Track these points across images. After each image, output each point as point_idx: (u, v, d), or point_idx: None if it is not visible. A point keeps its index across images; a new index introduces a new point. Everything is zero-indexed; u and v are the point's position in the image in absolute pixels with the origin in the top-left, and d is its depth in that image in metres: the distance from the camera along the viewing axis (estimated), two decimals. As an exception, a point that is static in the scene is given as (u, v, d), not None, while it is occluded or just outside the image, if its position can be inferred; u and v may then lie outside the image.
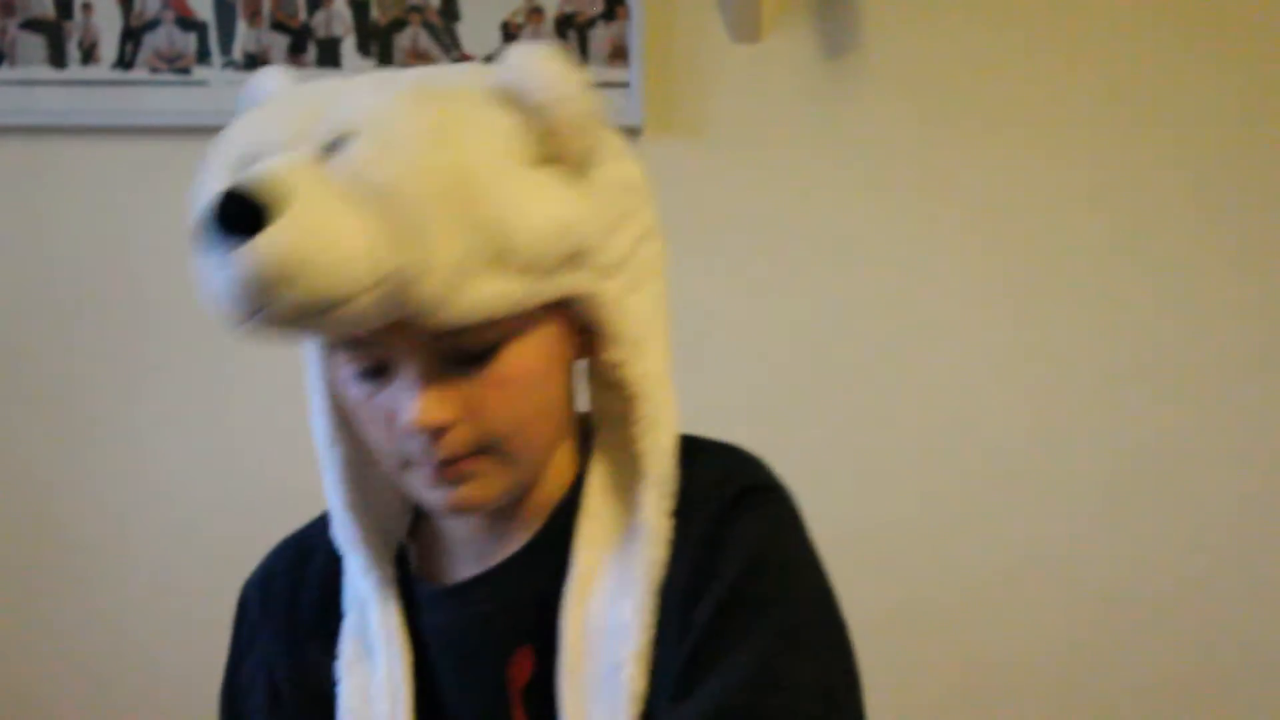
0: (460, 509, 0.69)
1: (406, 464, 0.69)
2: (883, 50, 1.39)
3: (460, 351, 0.66)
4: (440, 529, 0.76)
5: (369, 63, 1.33)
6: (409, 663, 0.73)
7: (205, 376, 1.39)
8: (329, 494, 0.75)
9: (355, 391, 0.68)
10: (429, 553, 0.76)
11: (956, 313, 1.42)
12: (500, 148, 0.62)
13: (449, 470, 0.67)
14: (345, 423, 0.73)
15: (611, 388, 0.73)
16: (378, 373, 0.67)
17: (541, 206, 0.63)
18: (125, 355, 1.40)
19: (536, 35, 1.32)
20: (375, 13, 1.34)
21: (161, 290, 1.38)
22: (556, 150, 0.63)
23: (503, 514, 0.73)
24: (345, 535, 0.75)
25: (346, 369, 0.68)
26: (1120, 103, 1.44)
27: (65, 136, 1.38)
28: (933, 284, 1.42)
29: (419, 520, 0.78)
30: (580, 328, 0.70)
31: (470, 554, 0.74)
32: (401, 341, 0.65)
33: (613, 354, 0.70)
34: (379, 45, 1.33)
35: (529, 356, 0.68)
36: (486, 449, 0.68)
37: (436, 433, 0.66)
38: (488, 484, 0.69)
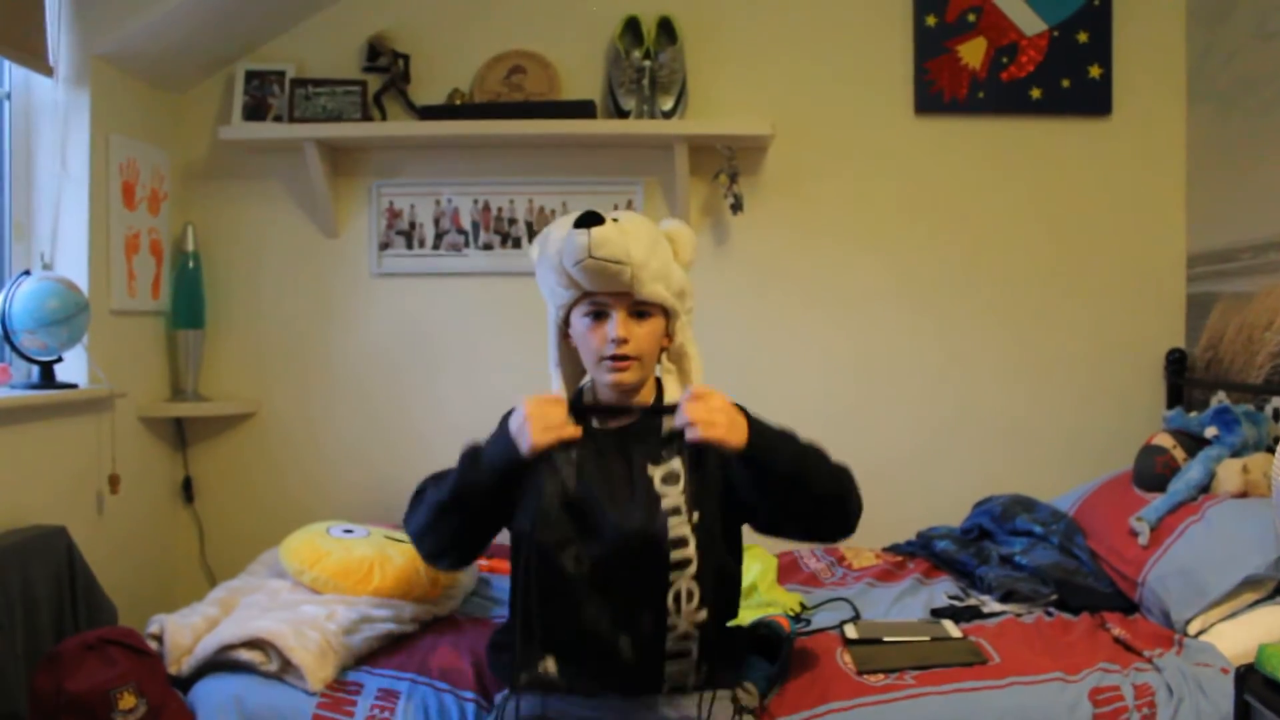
0: (620, 384, 1.69)
1: (601, 359, 1.67)
2: (740, 244, 3.00)
3: (637, 311, 1.68)
4: (598, 399, 1.76)
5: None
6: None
7: (460, 373, 3.08)
8: (554, 385, 1.77)
9: (585, 324, 1.68)
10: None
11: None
12: (667, 247, 1.73)
13: (621, 362, 1.68)
14: (561, 356, 1.75)
15: (674, 354, 1.77)
16: (598, 315, 1.68)
17: (679, 272, 1.74)
18: (435, 364, 3.11)
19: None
20: (535, 227, 3.04)
21: (444, 338, 3.07)
22: (680, 258, 1.74)
23: (626, 397, 1.72)
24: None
25: (583, 316, 1.68)
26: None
27: (411, 278, 3.09)
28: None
29: (594, 398, 1.77)
30: (666, 332, 1.73)
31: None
32: (616, 300, 1.66)
33: (679, 340, 1.77)
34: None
35: (657, 326, 1.71)
36: (636, 357, 1.68)
37: (621, 341, 1.66)
38: (632, 374, 1.69)
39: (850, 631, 2.08)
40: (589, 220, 1.64)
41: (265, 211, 3.12)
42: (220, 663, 1.89)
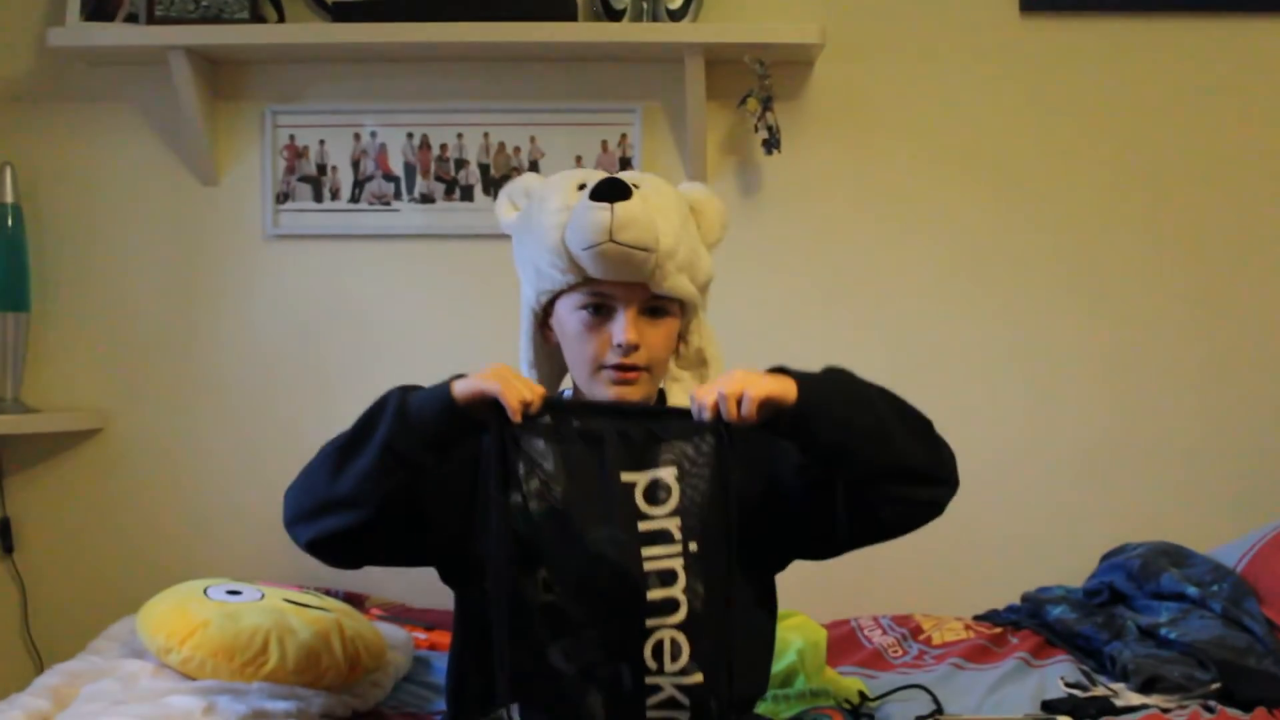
0: (625, 400, 1.73)
1: (599, 369, 1.73)
2: (778, 191, 3.03)
3: (652, 308, 1.74)
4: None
5: (489, 199, 2.99)
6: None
7: (382, 357, 2.96)
8: None
9: (579, 319, 1.74)
10: None
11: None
12: (693, 223, 1.81)
13: (626, 374, 1.73)
14: (537, 355, 1.84)
15: (689, 362, 1.86)
16: (599, 310, 1.72)
17: (705, 256, 1.82)
18: (350, 348, 3.07)
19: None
20: (492, 171, 3.03)
21: (364, 317, 3.06)
22: (705, 236, 1.83)
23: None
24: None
25: (578, 309, 1.73)
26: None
27: (319, 241, 3.07)
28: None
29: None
30: (679, 334, 1.81)
31: None
32: (626, 293, 1.71)
33: (696, 343, 1.86)
34: (494, 189, 2.98)
35: (673, 326, 1.79)
36: (646, 368, 1.74)
37: (631, 347, 1.71)
38: (640, 388, 1.75)
39: None
40: (611, 192, 1.69)
41: (116, 149, 3.10)
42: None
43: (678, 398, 1.83)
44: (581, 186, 1.74)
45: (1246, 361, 3.05)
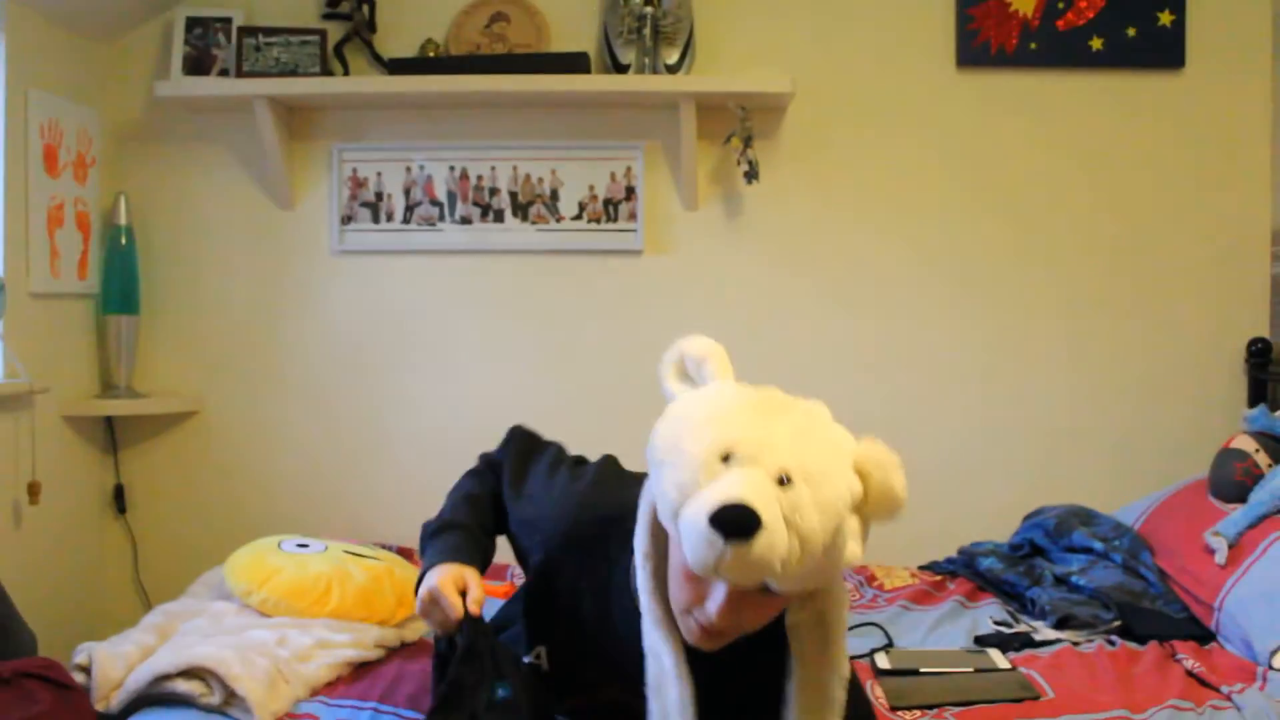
0: (703, 647, 1.33)
1: (688, 611, 1.31)
2: (754, 217, 3.01)
3: (763, 588, 1.23)
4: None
5: (517, 220, 3.01)
6: (690, 691, 1.32)
7: (433, 360, 3.07)
8: (641, 588, 1.36)
9: (681, 559, 1.25)
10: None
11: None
12: (852, 503, 1.22)
13: (709, 634, 1.31)
14: (658, 550, 1.34)
15: (807, 613, 1.35)
16: None
17: (855, 547, 1.24)
18: (406, 351, 3.09)
19: (595, 209, 3.01)
20: (520, 197, 3.03)
21: (415, 323, 3.07)
22: (869, 515, 1.25)
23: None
24: (650, 616, 1.34)
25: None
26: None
27: (376, 255, 3.09)
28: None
29: None
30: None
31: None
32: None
33: (820, 606, 1.35)
34: (521, 213, 3.02)
35: (782, 602, 1.30)
36: (729, 630, 1.30)
37: (719, 630, 1.28)
38: (720, 643, 1.33)
39: (881, 661, 2.06)
40: (732, 527, 1.19)
41: (209, 180, 3.11)
42: (155, 696, 1.84)
43: (799, 683, 1.40)
44: (726, 458, 1.24)
45: (1123, 355, 3.03)
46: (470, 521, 1.71)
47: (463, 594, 1.53)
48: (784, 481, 1.20)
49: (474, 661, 1.48)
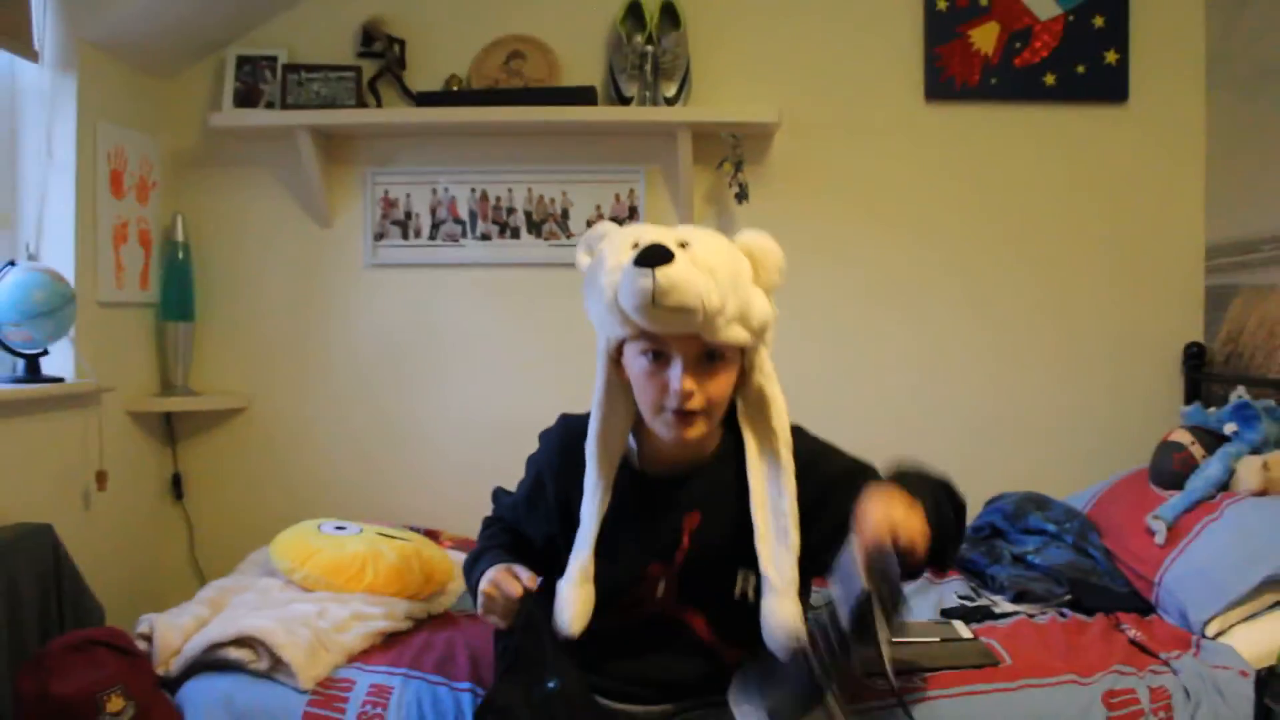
0: (685, 440, 1.48)
1: (660, 410, 1.45)
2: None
3: (708, 356, 1.42)
4: (654, 449, 1.56)
5: (531, 237, 3.00)
6: (597, 522, 1.50)
7: (461, 366, 3.06)
8: (589, 435, 1.53)
9: (641, 365, 1.44)
10: (646, 458, 1.58)
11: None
12: (747, 271, 1.44)
13: (685, 417, 1.45)
14: (612, 399, 1.51)
15: (753, 397, 1.52)
16: (658, 356, 1.42)
17: (760, 301, 1.43)
18: (433, 359, 3.08)
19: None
20: (534, 216, 3.03)
21: (443, 332, 3.06)
22: (763, 280, 1.45)
23: (688, 450, 1.54)
24: (593, 458, 1.52)
25: (640, 355, 1.43)
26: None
27: (405, 269, 3.05)
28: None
29: (642, 443, 1.57)
30: (741, 368, 1.48)
31: (668, 462, 1.56)
32: (681, 343, 1.40)
33: (758, 379, 1.52)
34: (535, 231, 3.02)
35: (731, 370, 1.47)
36: (705, 411, 1.46)
37: (687, 395, 1.42)
38: (697, 428, 1.47)
39: None
40: (654, 257, 1.39)
41: (257, 200, 3.09)
42: (209, 662, 1.87)
43: (752, 444, 1.57)
44: (635, 245, 1.43)
45: (1073, 357, 3.02)
46: (500, 542, 1.74)
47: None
48: (684, 246, 1.41)
49: (534, 632, 1.51)
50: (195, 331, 3.04)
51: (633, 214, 3.01)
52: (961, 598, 2.31)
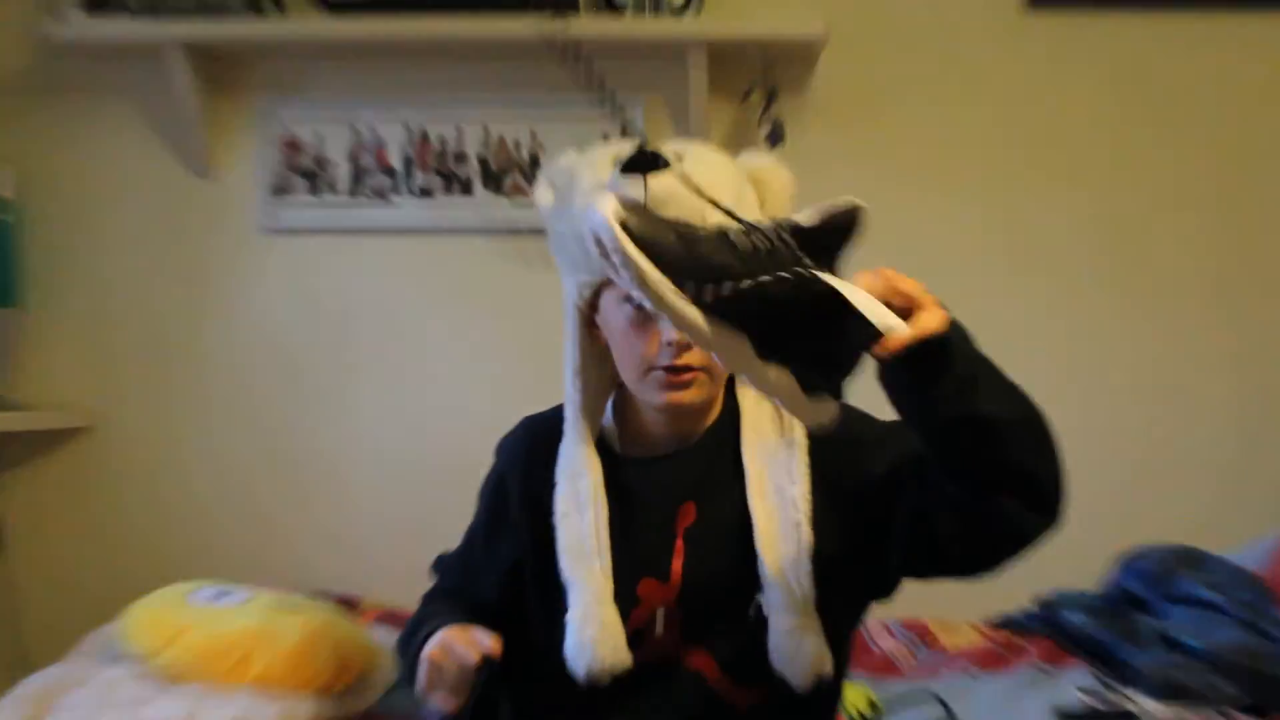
0: (678, 405, 1.50)
1: (649, 370, 1.47)
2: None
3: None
4: (637, 427, 1.60)
5: (489, 193, 2.91)
6: (605, 514, 1.52)
7: (389, 369, 2.98)
8: (568, 408, 1.58)
9: (625, 315, 1.47)
10: (626, 440, 1.60)
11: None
12: (752, 201, 1.50)
13: (679, 376, 1.47)
14: (586, 365, 1.55)
15: None
16: (645, 306, 1.28)
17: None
18: (352, 359, 3.00)
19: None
20: (492, 165, 2.93)
21: (364, 323, 2.98)
22: (769, 209, 1.50)
23: (681, 423, 1.57)
24: (577, 434, 1.55)
25: (622, 302, 1.46)
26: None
27: (315, 236, 2.98)
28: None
29: (622, 420, 1.61)
30: None
31: (654, 444, 1.58)
32: None
33: None
34: (494, 184, 2.92)
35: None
36: (704, 369, 1.48)
37: (683, 347, 1.44)
38: (694, 391, 1.49)
39: None
40: (644, 162, 1.44)
41: (111, 143, 3.03)
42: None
43: (753, 413, 1.58)
44: (618, 160, 1.48)
45: (1240, 359, 2.99)
46: (447, 609, 1.71)
47: None
48: (680, 157, 1.47)
49: (490, 715, 1.53)
50: (21, 323, 3.00)
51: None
52: (1087, 694, 2.19)
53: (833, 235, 1.30)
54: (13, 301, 2.94)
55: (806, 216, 1.29)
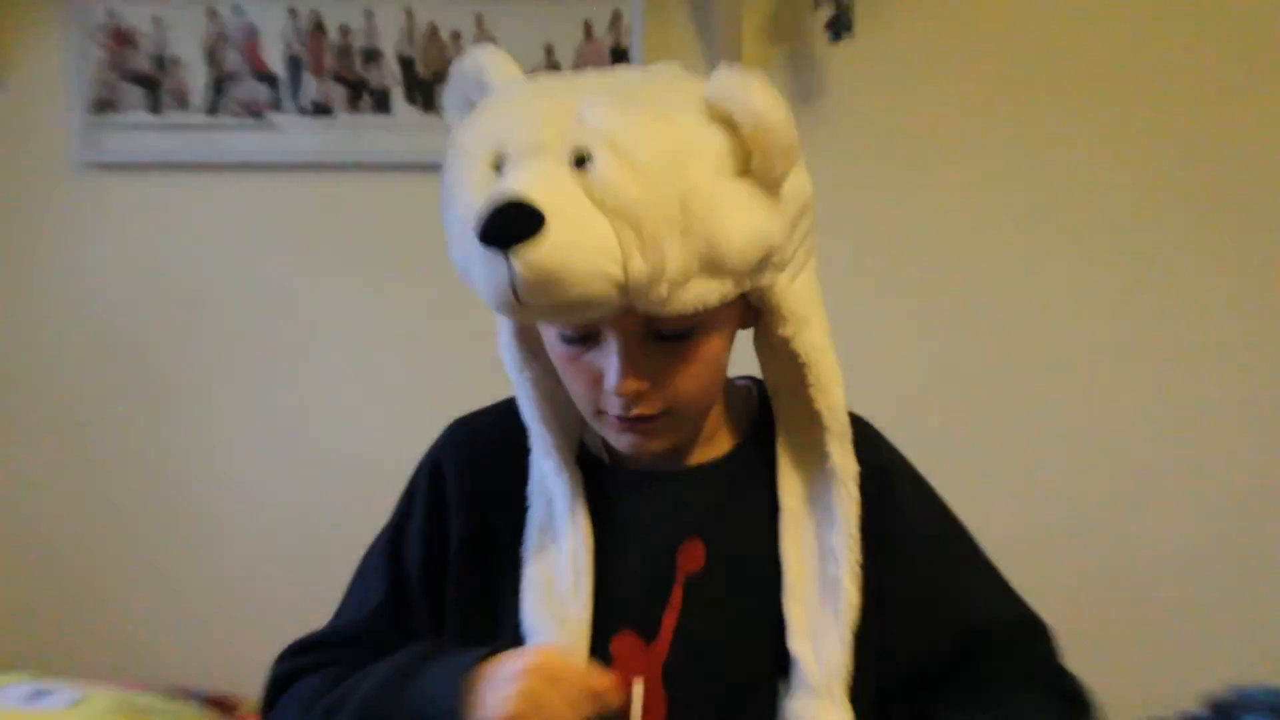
0: (639, 454, 1.17)
1: (600, 412, 1.15)
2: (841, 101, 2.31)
3: (661, 331, 1.08)
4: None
5: (415, 110, 2.23)
6: (591, 546, 1.20)
7: (267, 366, 2.43)
8: (523, 410, 1.23)
9: (561, 349, 1.13)
10: (614, 448, 1.25)
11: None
12: (716, 166, 1.02)
13: (635, 425, 1.13)
14: (532, 352, 1.20)
15: (782, 357, 1.18)
16: (584, 338, 1.10)
17: (745, 219, 1.03)
18: (211, 350, 2.43)
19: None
20: (420, 68, 2.27)
21: (231, 296, 2.40)
22: (758, 168, 1.04)
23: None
24: (541, 443, 1.22)
25: (552, 329, 1.13)
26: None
27: (162, 173, 2.39)
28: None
29: None
30: (750, 305, 1.14)
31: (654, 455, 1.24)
32: (614, 319, 1.07)
33: (783, 330, 1.15)
34: (423, 96, 2.22)
35: (715, 339, 1.12)
36: (667, 412, 1.13)
37: (632, 396, 1.10)
38: (663, 439, 1.16)
39: None
40: (505, 230, 1.01)
41: None
42: None
43: (785, 449, 1.25)
44: (498, 165, 1.07)
45: None
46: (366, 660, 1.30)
47: None
48: (582, 161, 1.02)
49: None
50: None
51: (619, 58, 2.32)
52: None
53: None
54: None
55: None
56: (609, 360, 1.10)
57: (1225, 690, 2.14)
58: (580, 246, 1.00)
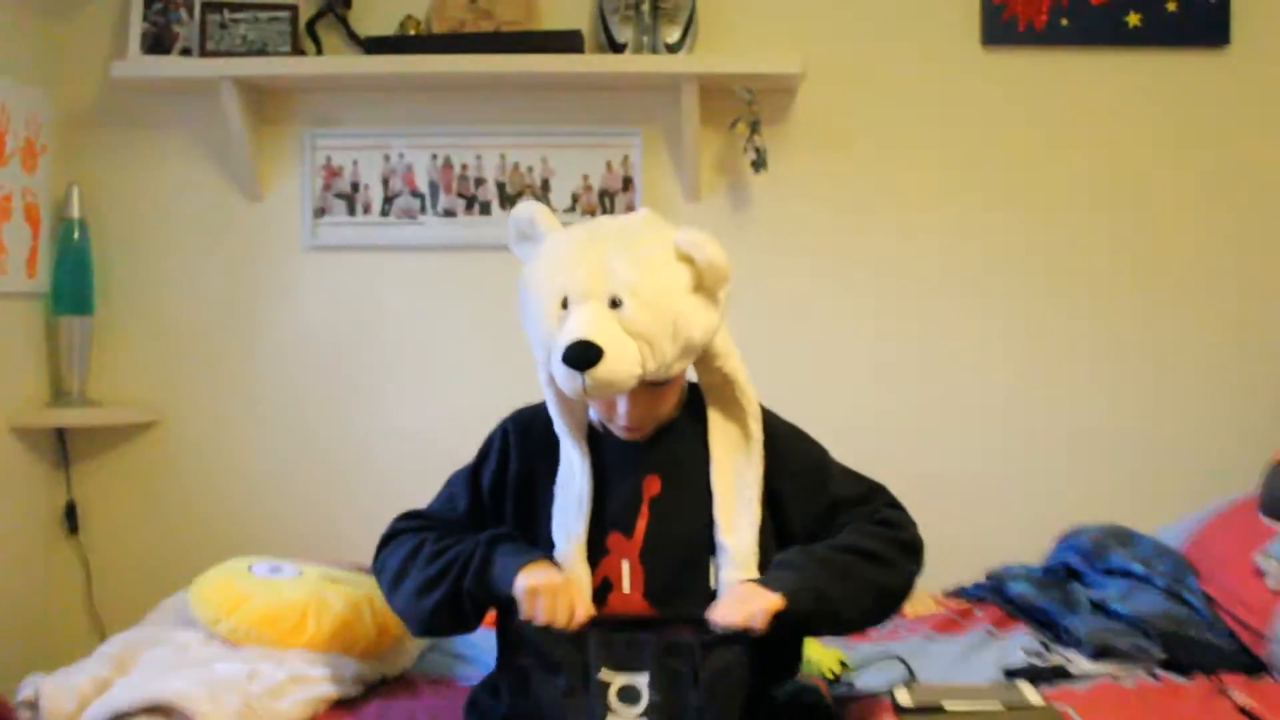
0: (630, 438, 1.68)
1: (610, 420, 1.66)
2: (763, 210, 2.99)
3: (652, 385, 1.59)
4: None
5: (506, 213, 2.88)
6: (590, 488, 1.65)
7: (416, 373, 3.05)
8: (550, 409, 1.70)
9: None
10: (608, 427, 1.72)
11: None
12: (685, 289, 1.55)
13: (632, 429, 1.66)
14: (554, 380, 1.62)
15: (714, 373, 1.70)
16: None
17: (703, 320, 1.57)
18: (384, 364, 3.06)
19: (589, 200, 2.98)
20: (508, 188, 3.01)
21: (397, 329, 3.04)
22: (707, 286, 1.56)
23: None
24: (562, 426, 1.69)
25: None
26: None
27: (352, 252, 3.04)
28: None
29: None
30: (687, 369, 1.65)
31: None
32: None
33: (716, 361, 1.68)
34: (509, 204, 2.96)
35: (679, 379, 1.67)
36: (651, 419, 1.66)
37: (635, 423, 1.63)
38: (646, 431, 1.68)
39: (902, 697, 2.01)
40: (580, 360, 1.53)
41: (171, 168, 3.07)
42: (111, 736, 1.76)
43: (722, 432, 1.73)
44: (565, 304, 1.59)
45: (1163, 360, 3.02)
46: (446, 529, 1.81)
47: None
48: (616, 304, 1.52)
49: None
50: (94, 328, 3.01)
51: (627, 185, 3.01)
52: (1030, 654, 2.26)
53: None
54: (89, 309, 2.98)
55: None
56: (620, 402, 1.62)
57: (998, 567, 2.68)
58: (622, 362, 1.52)
